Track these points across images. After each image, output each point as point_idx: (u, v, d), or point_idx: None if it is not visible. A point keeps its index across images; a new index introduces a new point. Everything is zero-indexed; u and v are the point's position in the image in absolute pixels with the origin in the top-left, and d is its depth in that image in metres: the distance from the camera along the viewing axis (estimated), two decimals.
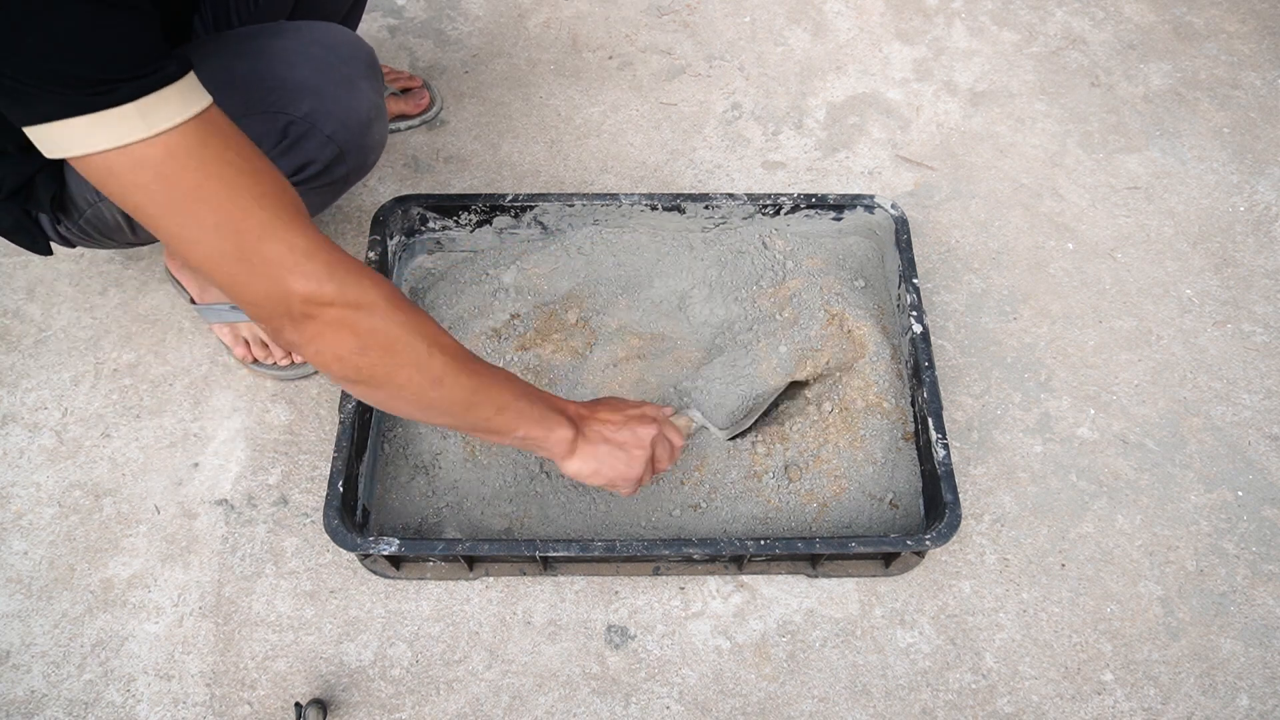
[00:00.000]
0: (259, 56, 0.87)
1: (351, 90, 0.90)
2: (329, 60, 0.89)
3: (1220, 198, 1.43)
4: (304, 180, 0.92)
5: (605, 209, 1.25)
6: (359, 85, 0.91)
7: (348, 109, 0.90)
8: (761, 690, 1.03)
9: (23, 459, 1.16)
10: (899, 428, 1.14)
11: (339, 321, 0.69)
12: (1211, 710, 1.03)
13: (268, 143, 0.87)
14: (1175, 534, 1.14)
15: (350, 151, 0.92)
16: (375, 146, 0.97)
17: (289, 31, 0.90)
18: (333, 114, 0.88)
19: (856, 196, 1.25)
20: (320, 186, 0.95)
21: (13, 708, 1.01)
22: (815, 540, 1.00)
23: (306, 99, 0.87)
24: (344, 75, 0.90)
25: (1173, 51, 1.60)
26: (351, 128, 0.91)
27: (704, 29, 1.62)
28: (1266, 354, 1.28)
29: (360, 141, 0.93)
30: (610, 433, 0.90)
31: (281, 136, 0.87)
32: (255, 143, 0.84)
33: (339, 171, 0.93)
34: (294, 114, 0.86)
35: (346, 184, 0.97)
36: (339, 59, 0.90)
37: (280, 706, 1.01)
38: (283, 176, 0.69)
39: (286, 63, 0.87)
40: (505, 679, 1.03)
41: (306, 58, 0.88)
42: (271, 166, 0.68)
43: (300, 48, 0.88)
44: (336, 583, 1.09)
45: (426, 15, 1.62)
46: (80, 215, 0.92)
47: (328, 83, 0.88)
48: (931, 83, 1.56)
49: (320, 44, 0.90)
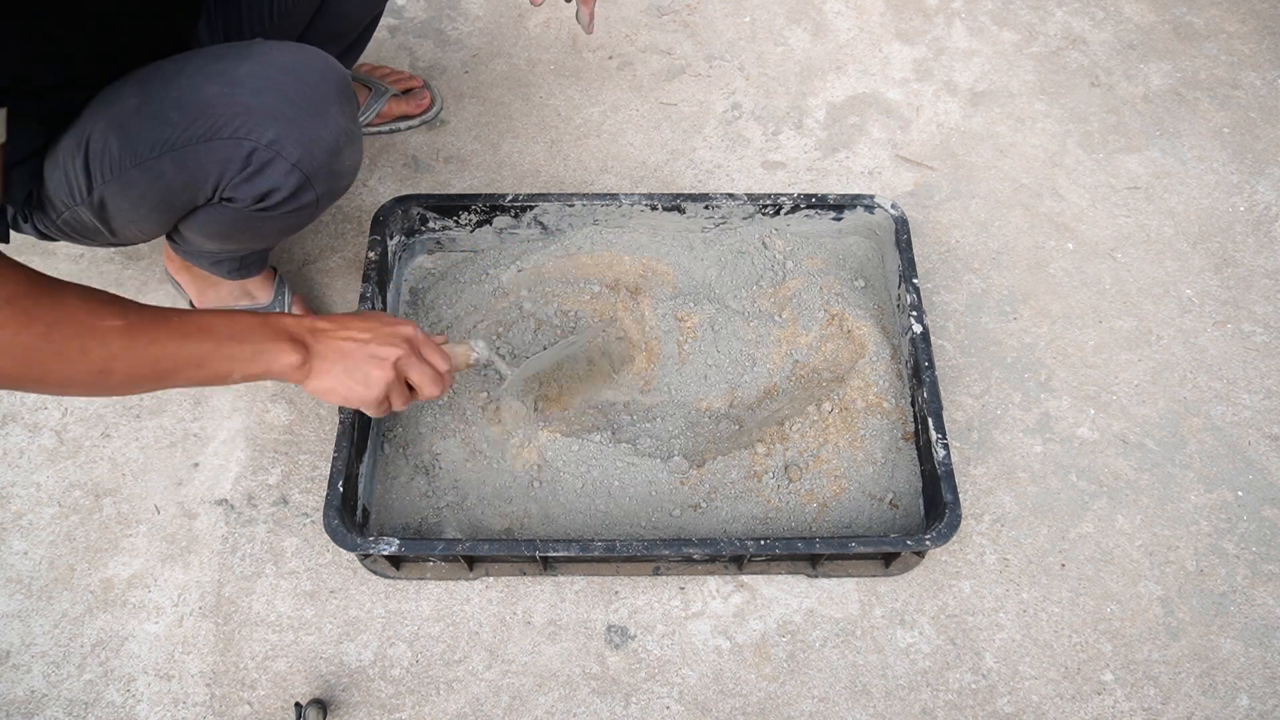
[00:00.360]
0: (226, 79, 0.84)
1: (319, 117, 0.87)
2: (296, 86, 0.86)
3: (1220, 198, 1.43)
4: (269, 207, 0.90)
5: (605, 209, 1.25)
6: (327, 112, 0.88)
7: (314, 137, 0.87)
8: (761, 690, 1.03)
9: (23, 459, 1.16)
10: (899, 428, 1.15)
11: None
12: (1211, 710, 1.03)
13: (232, 169, 0.85)
14: (1175, 534, 1.14)
15: (317, 178, 0.89)
16: (346, 172, 0.94)
17: (258, 54, 0.87)
18: (299, 141, 0.86)
19: (856, 196, 1.25)
20: (287, 213, 0.92)
21: (13, 708, 1.01)
22: (815, 540, 1.00)
23: (271, 126, 0.84)
24: (311, 102, 0.87)
25: (1173, 51, 1.60)
26: (318, 155, 0.88)
27: (704, 29, 1.62)
28: (1266, 354, 1.28)
29: (329, 168, 0.90)
30: (350, 349, 0.84)
31: (245, 164, 0.85)
32: (220, 166, 0.83)
33: (306, 198, 0.91)
34: (257, 141, 0.84)
35: (317, 209, 0.94)
36: (307, 85, 0.87)
37: (280, 706, 1.01)
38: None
39: (253, 88, 0.84)
40: (505, 679, 1.03)
41: (273, 84, 0.85)
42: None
43: (267, 72, 0.86)
44: (336, 583, 1.09)
45: (426, 15, 1.62)
46: (58, 215, 0.92)
47: (294, 109, 0.85)
48: (931, 83, 1.56)
49: (287, 69, 0.87)
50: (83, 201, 0.89)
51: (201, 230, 0.97)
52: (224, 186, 0.87)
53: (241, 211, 0.91)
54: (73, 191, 0.89)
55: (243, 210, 0.91)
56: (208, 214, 0.94)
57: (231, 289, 1.19)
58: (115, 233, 0.95)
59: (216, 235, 0.98)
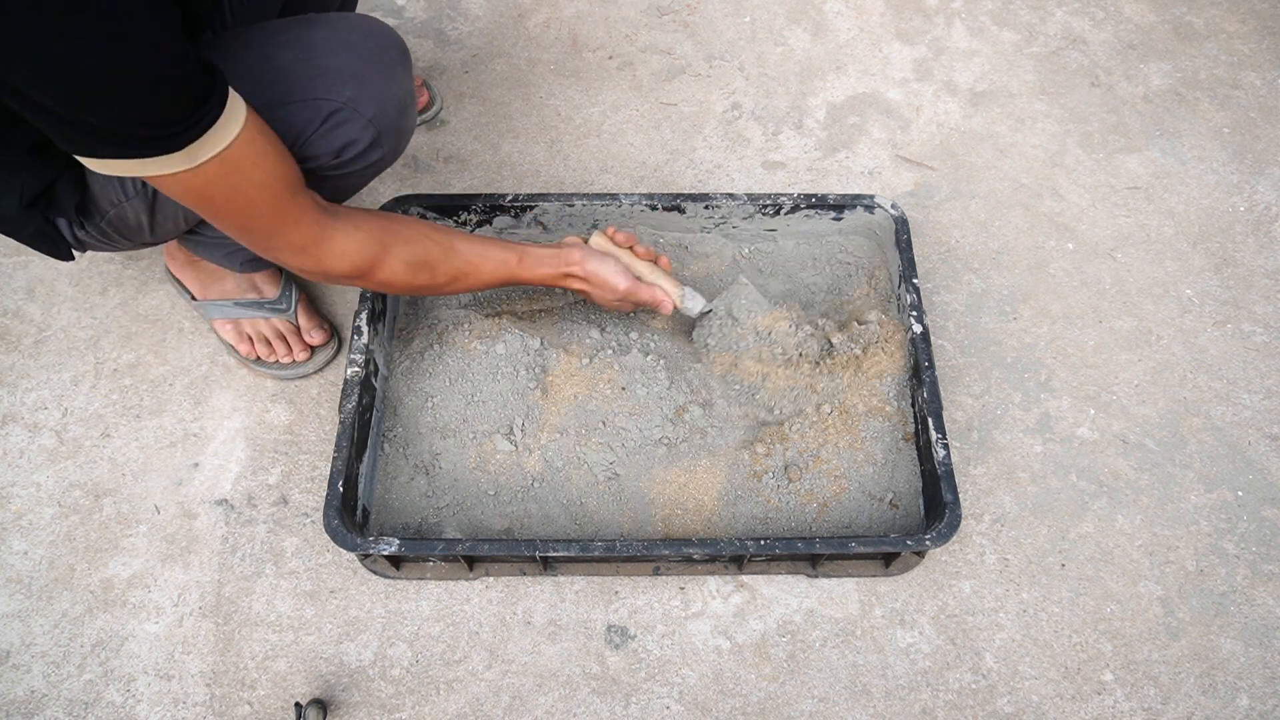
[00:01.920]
0: (300, 46, 0.90)
1: (389, 76, 0.94)
2: (368, 48, 0.93)
3: (1220, 198, 1.43)
4: (344, 162, 0.96)
5: (605, 209, 1.25)
6: (395, 72, 0.95)
7: (386, 94, 0.94)
8: (761, 690, 1.03)
9: (23, 459, 1.16)
10: (899, 428, 1.14)
11: (329, 281, 0.95)
12: (1211, 710, 1.03)
13: (311, 127, 0.90)
14: (1175, 534, 1.14)
15: (387, 135, 0.96)
16: (408, 131, 1.02)
17: (327, 23, 0.94)
18: (373, 99, 0.92)
19: (856, 196, 1.25)
20: (359, 170, 0.99)
21: (13, 708, 1.01)
22: (815, 540, 1.00)
23: (348, 85, 0.91)
24: (383, 62, 0.94)
25: (1173, 51, 1.60)
26: (389, 112, 0.95)
27: (704, 29, 1.62)
28: (1266, 354, 1.28)
29: (397, 125, 0.97)
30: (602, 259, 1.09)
31: (324, 120, 0.91)
32: (300, 128, 0.91)
33: (375, 155, 0.97)
34: (337, 99, 0.90)
35: (380, 167, 1.02)
36: (377, 46, 0.94)
37: (280, 706, 1.01)
38: (292, 169, 0.84)
39: (328, 51, 0.91)
40: (505, 679, 1.03)
41: (347, 46, 0.92)
42: (285, 163, 0.83)
43: (340, 37, 0.92)
44: (336, 583, 1.09)
45: (426, 15, 1.62)
46: (102, 218, 0.93)
47: (368, 69, 0.92)
48: (931, 83, 1.56)
49: (359, 32, 0.94)
50: (136, 194, 0.91)
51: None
52: (300, 145, 0.91)
53: (310, 172, 0.95)
54: (124, 186, 0.90)
55: (314, 170, 0.95)
56: None
57: (239, 282, 1.19)
58: (155, 226, 0.97)
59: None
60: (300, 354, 1.21)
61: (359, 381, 1.07)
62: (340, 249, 0.90)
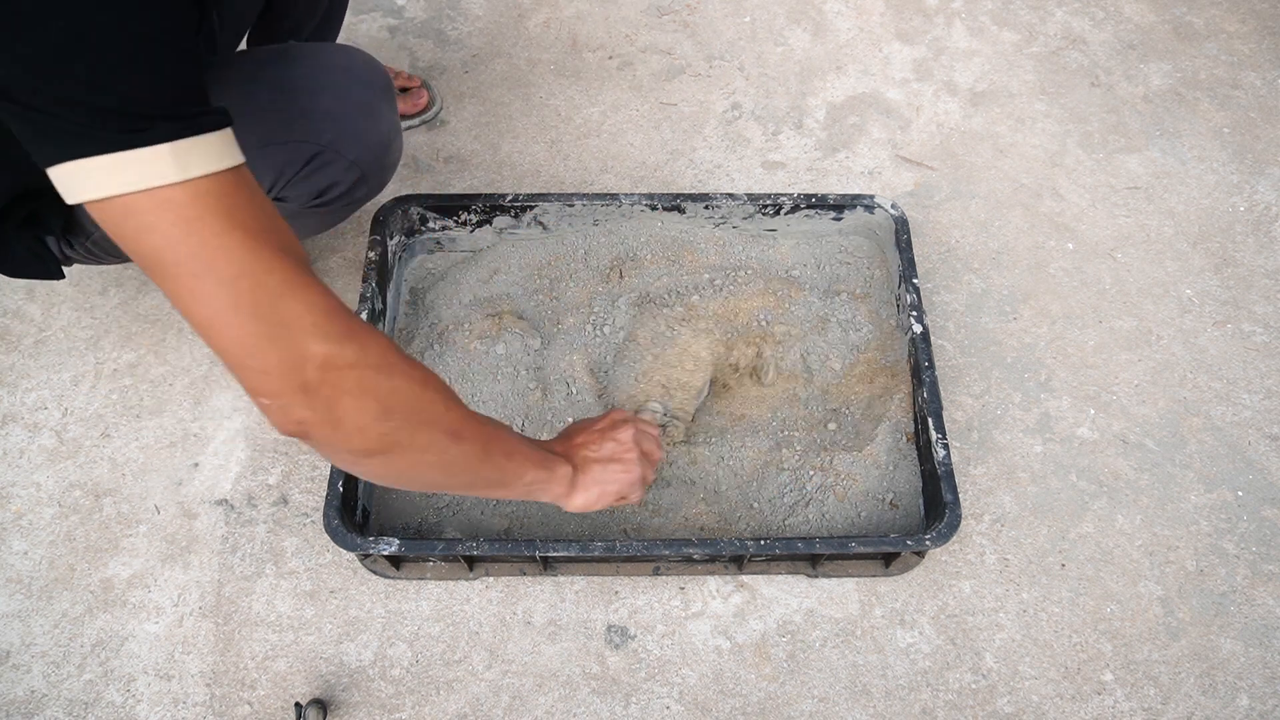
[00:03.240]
0: (279, 87, 0.88)
1: (372, 115, 0.92)
2: (349, 86, 0.90)
3: (1220, 198, 1.43)
4: (326, 202, 0.94)
5: (605, 209, 1.25)
6: (379, 109, 0.93)
7: (369, 134, 0.92)
8: (761, 690, 1.03)
9: (23, 459, 1.16)
10: (900, 429, 1.14)
11: (360, 387, 0.61)
12: (1211, 710, 1.03)
13: (291, 169, 0.89)
14: (1175, 534, 1.14)
15: (370, 173, 0.95)
16: (393, 165, 1.00)
17: (307, 57, 0.91)
18: (355, 140, 0.90)
19: (856, 196, 1.25)
20: (343, 206, 0.97)
21: (13, 708, 1.01)
22: (815, 540, 1.00)
23: (329, 127, 0.88)
24: (364, 101, 0.91)
25: (1173, 51, 1.60)
26: (373, 151, 0.93)
27: (704, 29, 1.62)
28: (1266, 354, 1.28)
29: (381, 162, 0.95)
30: (595, 452, 0.88)
31: (306, 163, 0.89)
32: (279, 170, 0.87)
33: (359, 193, 0.96)
34: (319, 142, 0.88)
35: (364, 201, 1.00)
36: (359, 84, 0.91)
37: (280, 706, 1.01)
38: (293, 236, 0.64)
39: (309, 91, 0.88)
40: (505, 679, 1.03)
41: (328, 85, 0.89)
42: (286, 225, 0.63)
43: (321, 75, 0.90)
44: (336, 583, 1.09)
45: (426, 15, 1.62)
46: (88, 236, 0.93)
47: (349, 110, 0.90)
48: (931, 83, 1.56)
49: (340, 69, 0.91)
50: None
51: None
52: (280, 187, 0.90)
53: (287, 209, 0.94)
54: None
55: (292, 209, 0.94)
56: None
57: None
58: None
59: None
60: None
61: None
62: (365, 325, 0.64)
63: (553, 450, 0.85)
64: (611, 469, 0.87)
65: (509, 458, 0.76)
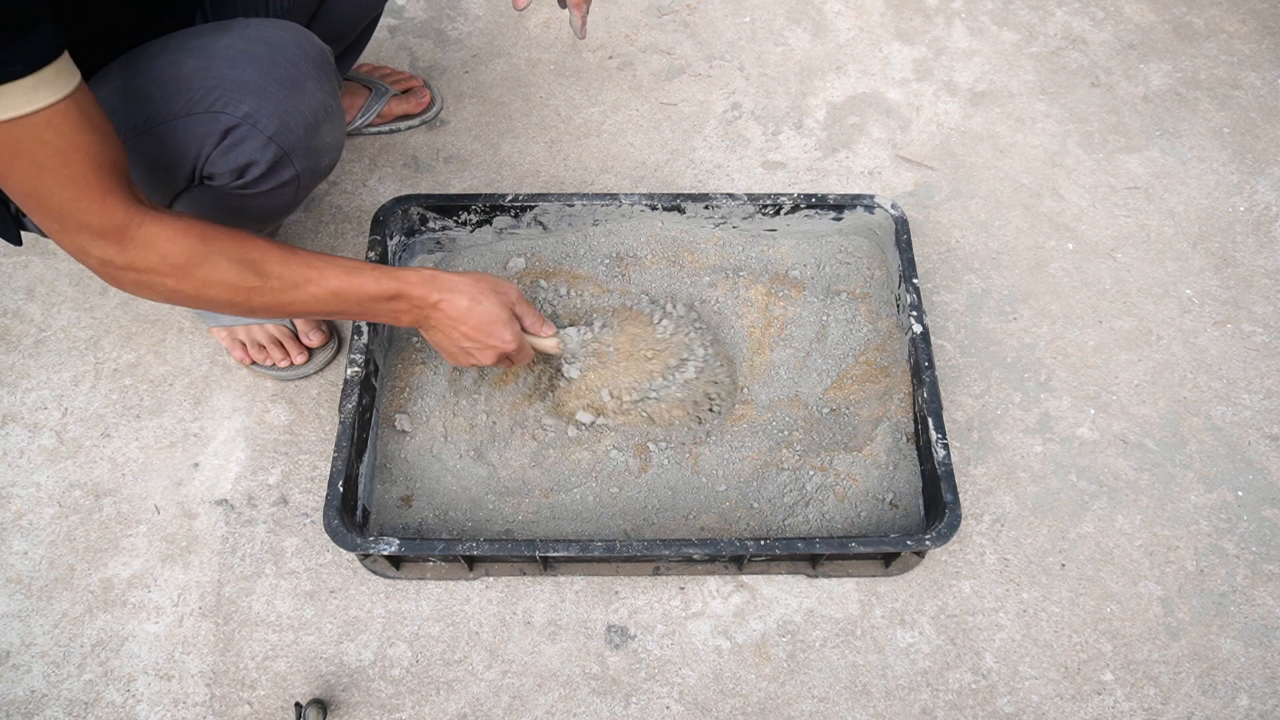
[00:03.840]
0: (204, 54, 0.85)
1: (295, 91, 0.87)
2: (272, 59, 0.86)
3: (1220, 198, 1.43)
4: (249, 183, 0.90)
5: (605, 209, 1.25)
6: (304, 85, 0.88)
7: (290, 110, 0.87)
8: (761, 690, 1.03)
9: (23, 459, 1.16)
10: (900, 429, 1.14)
11: (137, 282, 0.80)
12: (1211, 710, 1.03)
13: (210, 142, 0.85)
14: (1175, 534, 1.14)
15: (296, 153, 0.89)
16: (328, 149, 0.94)
17: (237, 28, 0.88)
18: (274, 114, 0.86)
19: (856, 196, 1.25)
20: (270, 190, 0.92)
21: (13, 708, 1.01)
22: (815, 540, 1.00)
23: (247, 99, 0.84)
24: (288, 75, 0.87)
25: (1173, 51, 1.60)
26: (295, 129, 0.88)
27: (704, 29, 1.62)
28: (1266, 354, 1.28)
29: (307, 144, 0.90)
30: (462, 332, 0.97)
31: (222, 137, 0.85)
32: (199, 142, 0.85)
33: (285, 174, 0.91)
34: (235, 114, 0.84)
35: (300, 186, 0.94)
36: (284, 58, 0.87)
37: (280, 706, 1.01)
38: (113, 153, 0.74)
39: (229, 60, 0.85)
40: (505, 679, 1.03)
41: (250, 56, 0.85)
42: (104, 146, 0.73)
43: (244, 45, 0.86)
44: (336, 583, 1.09)
45: (426, 15, 1.62)
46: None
47: (270, 82, 0.85)
48: (931, 83, 1.56)
49: (265, 42, 0.87)
50: None
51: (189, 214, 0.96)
52: (202, 162, 0.87)
53: (224, 192, 0.91)
54: None
55: (224, 190, 0.91)
56: (193, 197, 0.94)
57: None
58: None
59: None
60: (298, 357, 1.20)
61: (359, 381, 1.07)
62: (150, 236, 0.77)
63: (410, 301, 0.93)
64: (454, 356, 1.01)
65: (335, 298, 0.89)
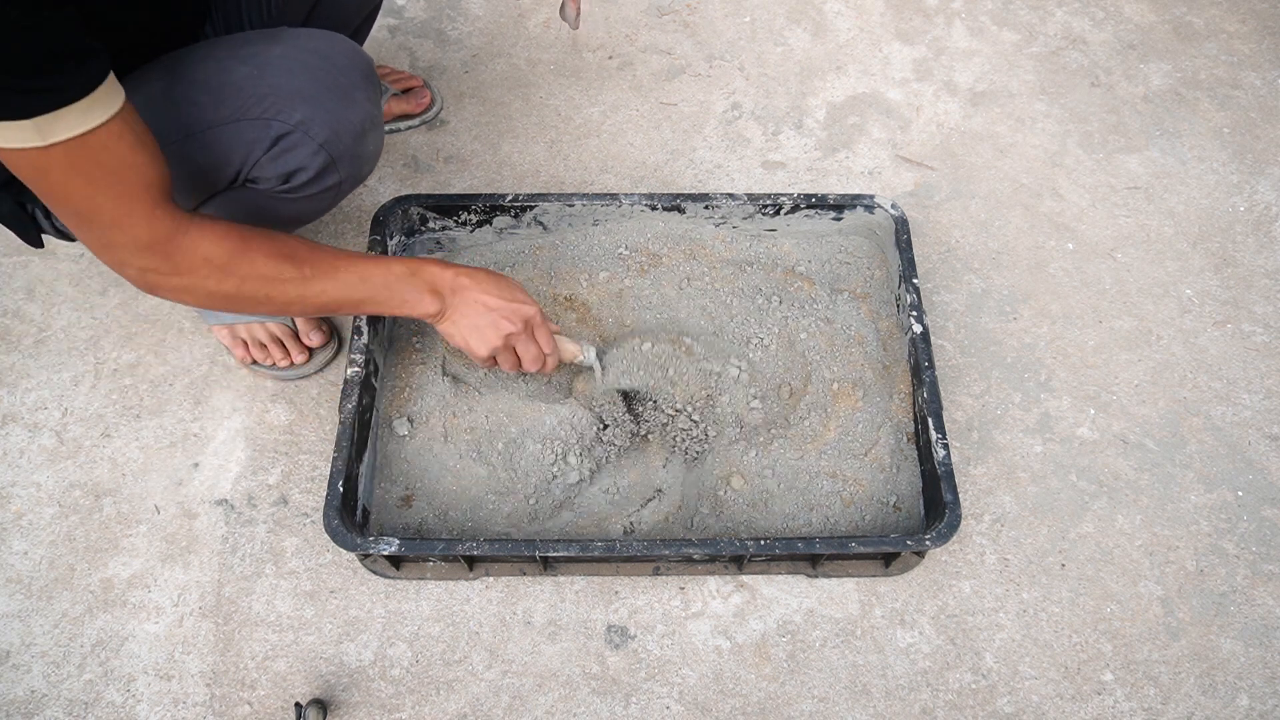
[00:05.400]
0: (256, 62, 0.87)
1: (346, 101, 0.91)
2: (325, 69, 0.90)
3: (1220, 198, 1.43)
4: (295, 188, 0.93)
5: (605, 209, 1.25)
6: (354, 96, 0.92)
7: (341, 119, 0.90)
8: (761, 690, 1.03)
9: (23, 459, 1.16)
10: (901, 430, 1.14)
11: (178, 288, 0.84)
12: (1211, 710, 1.03)
13: (260, 148, 0.88)
14: (1175, 534, 1.14)
15: (342, 161, 0.93)
16: (370, 157, 0.98)
17: (288, 38, 0.91)
18: (326, 123, 0.89)
19: (856, 196, 1.25)
20: (313, 194, 0.95)
21: (13, 708, 1.01)
22: (815, 540, 1.00)
23: (300, 107, 0.87)
24: (339, 85, 0.90)
25: (1173, 51, 1.60)
26: (344, 138, 0.91)
27: (704, 29, 1.62)
28: (1266, 354, 1.28)
29: (354, 151, 0.94)
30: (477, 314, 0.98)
31: (272, 143, 0.88)
32: (248, 148, 0.87)
33: (330, 180, 0.94)
34: (287, 121, 0.87)
35: (340, 192, 0.98)
36: (336, 69, 0.90)
37: (280, 706, 1.01)
38: (160, 171, 0.78)
39: (284, 70, 0.88)
40: (505, 679, 1.03)
41: (303, 66, 0.88)
42: (154, 164, 0.77)
43: (298, 55, 0.89)
44: (336, 583, 1.09)
45: (426, 15, 1.62)
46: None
47: (323, 92, 0.89)
48: (931, 83, 1.56)
49: (318, 53, 0.90)
50: None
51: (222, 215, 0.97)
52: (249, 167, 0.90)
53: (264, 194, 0.94)
54: None
55: (265, 193, 0.93)
56: (229, 197, 0.96)
57: None
58: None
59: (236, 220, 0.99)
60: (298, 357, 1.20)
61: (359, 381, 1.07)
62: (194, 242, 0.81)
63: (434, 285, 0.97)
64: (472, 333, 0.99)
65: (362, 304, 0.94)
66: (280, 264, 0.87)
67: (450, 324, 0.99)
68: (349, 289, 0.92)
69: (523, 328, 1.00)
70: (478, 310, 0.98)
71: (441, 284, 0.97)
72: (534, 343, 1.02)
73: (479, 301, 0.98)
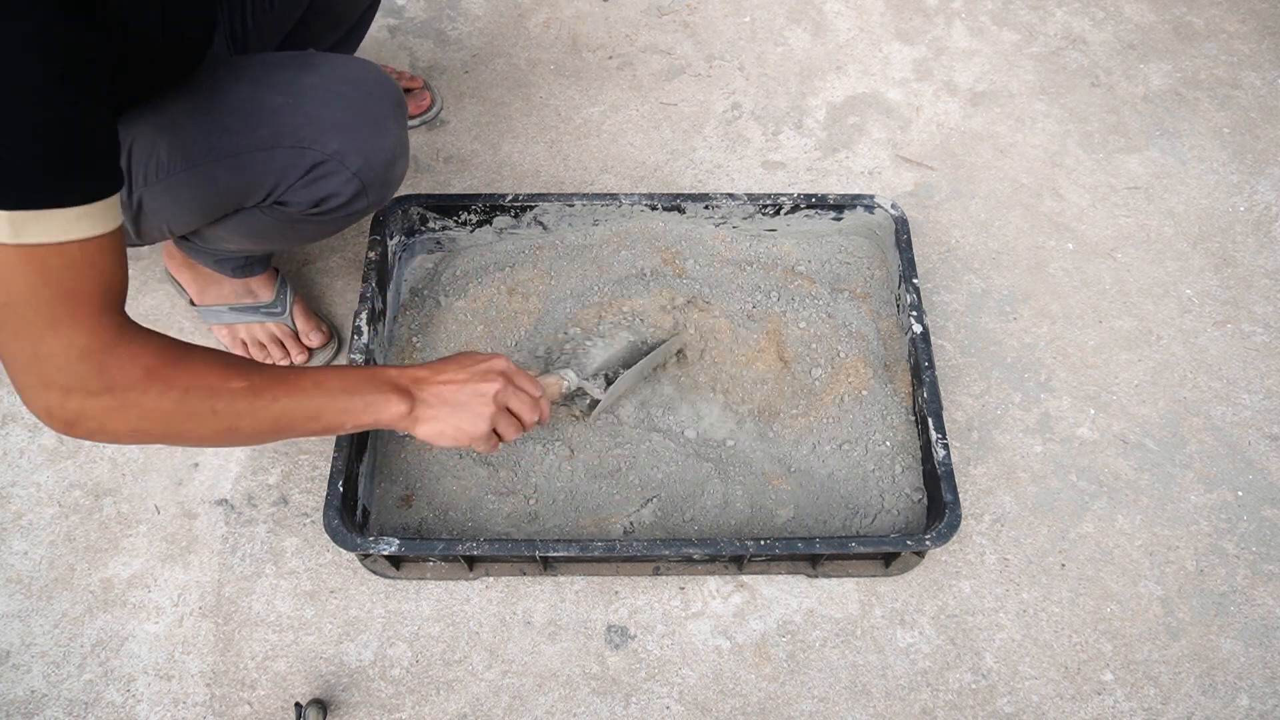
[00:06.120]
0: (291, 91, 0.89)
1: (379, 130, 0.92)
2: (359, 99, 0.91)
3: (1220, 198, 1.43)
4: (324, 211, 0.94)
5: (605, 209, 1.25)
6: (386, 125, 0.93)
7: (374, 147, 0.92)
8: (761, 690, 1.03)
9: (23, 459, 1.16)
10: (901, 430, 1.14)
11: (106, 410, 0.70)
12: (1211, 710, 1.03)
13: (293, 174, 0.89)
14: (1175, 534, 1.14)
15: (373, 186, 0.95)
16: (397, 181, 1.00)
17: (322, 66, 0.92)
18: (360, 152, 0.91)
19: (856, 196, 1.25)
20: (340, 217, 0.97)
21: (13, 708, 1.01)
22: (815, 540, 1.00)
23: (336, 137, 0.89)
24: (373, 115, 0.92)
25: (1173, 51, 1.60)
26: (376, 166, 0.93)
27: (704, 29, 1.62)
28: (1266, 354, 1.28)
29: (384, 178, 0.95)
30: (451, 393, 0.87)
31: (308, 170, 0.89)
32: (280, 174, 0.88)
33: (360, 205, 0.96)
34: (323, 150, 0.89)
35: (366, 213, 1.00)
36: (369, 98, 0.92)
37: (280, 706, 1.01)
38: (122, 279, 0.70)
39: (319, 100, 0.89)
40: (505, 679, 1.03)
41: (339, 96, 0.90)
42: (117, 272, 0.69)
43: (333, 85, 0.90)
44: (336, 583, 1.09)
45: (426, 15, 1.62)
46: None
47: (357, 122, 0.90)
48: (931, 83, 1.56)
49: (352, 82, 0.92)
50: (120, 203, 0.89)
51: (237, 230, 0.99)
52: (281, 191, 0.91)
53: (288, 214, 0.95)
54: None
55: (292, 213, 0.94)
56: (250, 215, 0.96)
57: (234, 287, 1.19)
58: (141, 233, 0.96)
59: (251, 235, 1.01)
60: (298, 357, 1.21)
61: None
62: (134, 351, 0.71)
63: (395, 385, 0.85)
64: (460, 415, 0.87)
65: (314, 420, 0.81)
66: (226, 373, 0.76)
67: (429, 420, 0.86)
68: (304, 395, 0.80)
69: (503, 382, 0.90)
70: (449, 390, 0.87)
71: (401, 380, 0.86)
72: (521, 390, 0.93)
73: (445, 382, 0.87)
